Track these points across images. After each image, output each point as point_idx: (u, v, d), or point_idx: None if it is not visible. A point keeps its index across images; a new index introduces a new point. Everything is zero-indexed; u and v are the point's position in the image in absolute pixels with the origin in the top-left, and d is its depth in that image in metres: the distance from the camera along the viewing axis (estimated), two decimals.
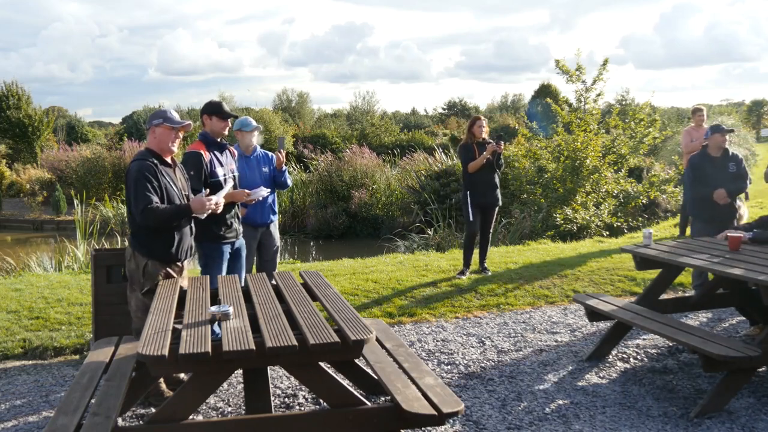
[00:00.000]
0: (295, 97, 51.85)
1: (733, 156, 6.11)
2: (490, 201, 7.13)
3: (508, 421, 3.82)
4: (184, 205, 3.96)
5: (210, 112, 4.74)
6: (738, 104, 59.71)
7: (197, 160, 4.60)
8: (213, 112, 4.73)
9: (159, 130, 4.02)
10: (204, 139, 4.77)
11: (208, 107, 4.77)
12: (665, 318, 4.46)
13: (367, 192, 15.50)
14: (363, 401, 3.23)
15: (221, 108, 4.76)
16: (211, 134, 4.76)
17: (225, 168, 4.78)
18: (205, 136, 4.78)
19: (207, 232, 4.64)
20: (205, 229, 4.61)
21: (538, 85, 33.71)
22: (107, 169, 20.38)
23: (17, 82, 29.07)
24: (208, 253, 4.74)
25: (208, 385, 3.14)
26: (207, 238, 4.67)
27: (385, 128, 33.70)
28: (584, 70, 12.02)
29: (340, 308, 3.47)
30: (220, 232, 4.70)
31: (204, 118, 4.78)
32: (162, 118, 4.03)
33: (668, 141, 18.31)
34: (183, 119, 4.13)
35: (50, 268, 9.63)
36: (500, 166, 7.08)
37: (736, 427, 3.71)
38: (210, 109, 4.74)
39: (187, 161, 4.60)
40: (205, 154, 4.64)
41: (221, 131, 4.76)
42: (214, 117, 4.72)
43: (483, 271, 7.24)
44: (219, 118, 4.72)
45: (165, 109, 4.12)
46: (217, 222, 4.63)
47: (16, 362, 5.00)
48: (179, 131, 4.07)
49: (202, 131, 4.83)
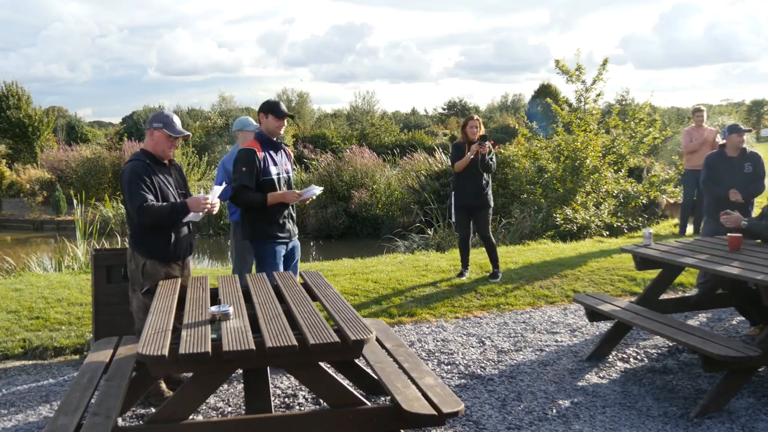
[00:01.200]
0: (295, 97, 51.82)
1: (750, 156, 6.11)
2: (476, 202, 6.91)
3: (508, 421, 3.82)
4: (181, 203, 3.97)
5: (266, 111, 4.69)
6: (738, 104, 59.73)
7: (251, 157, 4.55)
8: (269, 110, 4.68)
9: (157, 135, 4.02)
10: (259, 138, 4.73)
11: (264, 106, 4.73)
12: (665, 318, 4.46)
13: (367, 192, 15.50)
14: (363, 401, 3.23)
15: (278, 107, 4.71)
16: (266, 133, 4.72)
17: (279, 167, 4.72)
18: (260, 135, 4.75)
19: (258, 231, 4.63)
20: (257, 228, 4.61)
21: (538, 85, 33.73)
22: (107, 169, 20.37)
23: (17, 82, 29.09)
24: (259, 253, 4.70)
25: (208, 385, 3.14)
26: (258, 237, 4.65)
27: (385, 128, 33.69)
28: (584, 70, 12.02)
29: (340, 308, 3.47)
30: (271, 231, 4.64)
31: (260, 116, 4.74)
32: (163, 123, 4.01)
33: (668, 141, 18.32)
34: (183, 120, 4.13)
35: (50, 268, 9.63)
36: (488, 167, 6.82)
37: (736, 427, 3.71)
38: (266, 108, 4.70)
39: (240, 158, 4.59)
40: (259, 153, 4.58)
41: (276, 130, 4.71)
42: (270, 115, 4.68)
43: (493, 276, 6.98)
44: (275, 117, 4.67)
45: (168, 114, 4.09)
46: (268, 221, 4.61)
47: (16, 362, 5.01)
48: (177, 140, 4.07)
49: (259, 130, 4.82)
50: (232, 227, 5.64)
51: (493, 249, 7.08)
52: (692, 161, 9.35)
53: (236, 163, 4.62)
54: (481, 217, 7.02)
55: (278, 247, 4.69)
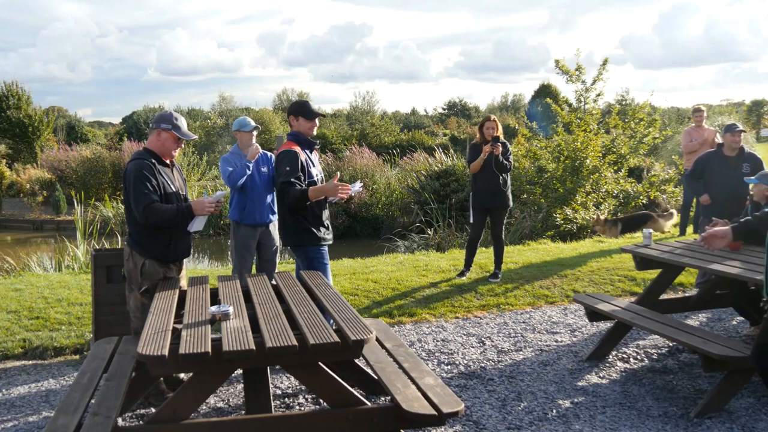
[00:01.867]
0: (295, 97, 51.87)
1: (749, 156, 6.11)
2: (491, 204, 6.97)
3: (508, 421, 3.82)
4: (186, 206, 3.96)
5: (296, 113, 4.59)
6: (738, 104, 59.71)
7: (294, 157, 4.42)
8: (298, 113, 4.58)
9: (164, 136, 4.02)
10: (296, 139, 4.58)
11: (293, 108, 4.64)
12: (665, 318, 4.46)
13: (367, 192, 15.50)
14: (363, 401, 3.23)
15: (307, 108, 4.61)
16: (300, 134, 4.59)
17: (317, 168, 4.65)
18: (296, 136, 4.59)
19: (308, 236, 4.50)
20: (307, 233, 4.48)
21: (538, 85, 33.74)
22: (107, 169, 20.39)
23: (17, 82, 29.11)
24: (313, 257, 4.54)
25: (208, 385, 3.14)
26: (310, 242, 4.51)
27: (385, 128, 33.71)
28: (584, 70, 12.03)
29: (340, 308, 3.47)
30: (320, 234, 4.54)
31: (291, 119, 4.64)
32: (171, 125, 4.01)
33: (668, 141, 18.33)
34: (184, 122, 4.14)
35: (50, 268, 9.64)
36: (503, 167, 6.86)
37: (736, 427, 3.71)
38: (295, 110, 4.61)
39: (283, 158, 4.43)
40: (300, 154, 4.48)
41: (309, 131, 4.59)
42: (301, 118, 4.57)
43: (493, 276, 7.00)
44: (306, 119, 4.57)
45: (177, 116, 4.07)
46: (316, 225, 4.51)
47: (16, 362, 5.01)
48: (182, 141, 4.08)
49: (292, 131, 4.65)
50: (233, 227, 5.64)
51: (500, 250, 7.12)
52: (692, 161, 9.34)
53: (278, 165, 4.46)
54: (497, 217, 7.08)
55: (325, 249, 4.60)
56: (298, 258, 4.64)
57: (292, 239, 4.56)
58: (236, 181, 5.40)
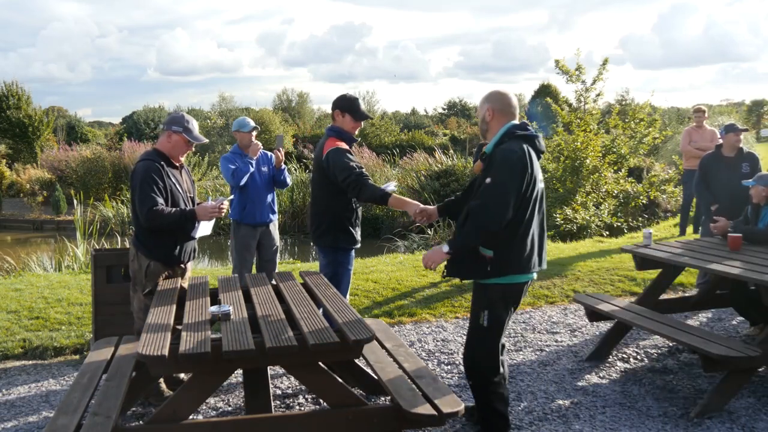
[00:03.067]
0: (294, 97, 51.83)
1: (747, 155, 6.10)
2: None
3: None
4: (190, 210, 3.94)
5: (343, 109, 4.29)
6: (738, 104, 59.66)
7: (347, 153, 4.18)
8: (346, 109, 4.28)
9: (175, 138, 4.01)
10: (339, 136, 4.30)
11: (342, 103, 4.30)
12: (665, 318, 4.46)
13: None
14: (363, 401, 3.23)
15: (355, 106, 4.31)
16: (341, 130, 4.33)
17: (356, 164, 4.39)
18: (339, 133, 4.31)
19: (345, 238, 4.31)
20: (344, 234, 4.30)
21: (538, 85, 33.68)
22: (107, 169, 20.39)
23: (17, 82, 29.10)
24: (342, 261, 4.37)
25: (208, 385, 3.14)
26: (344, 243, 4.33)
27: (385, 128, 33.66)
28: (584, 70, 12.03)
29: (340, 308, 3.47)
30: (356, 237, 4.36)
31: (336, 113, 4.33)
32: (182, 128, 4.00)
33: (668, 141, 18.32)
34: (196, 125, 4.13)
35: (50, 268, 9.63)
36: None
37: (736, 427, 3.71)
38: (344, 106, 4.29)
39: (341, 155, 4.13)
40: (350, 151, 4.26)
41: (353, 130, 4.35)
42: (348, 115, 4.29)
43: None
44: (353, 118, 4.30)
45: (188, 119, 4.05)
46: (354, 226, 4.33)
47: (16, 362, 5.01)
48: (192, 144, 4.08)
49: (334, 126, 4.35)
50: (233, 226, 5.64)
51: None
52: (691, 161, 9.38)
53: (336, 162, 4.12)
54: None
55: (353, 254, 4.47)
56: (325, 260, 4.40)
57: (326, 240, 4.31)
58: (240, 178, 5.40)
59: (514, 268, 3.27)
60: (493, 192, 3.17)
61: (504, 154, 3.21)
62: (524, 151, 3.22)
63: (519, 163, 3.18)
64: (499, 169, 3.18)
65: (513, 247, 3.24)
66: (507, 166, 3.17)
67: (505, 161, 3.19)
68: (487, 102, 3.40)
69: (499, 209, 3.15)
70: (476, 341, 3.42)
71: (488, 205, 3.16)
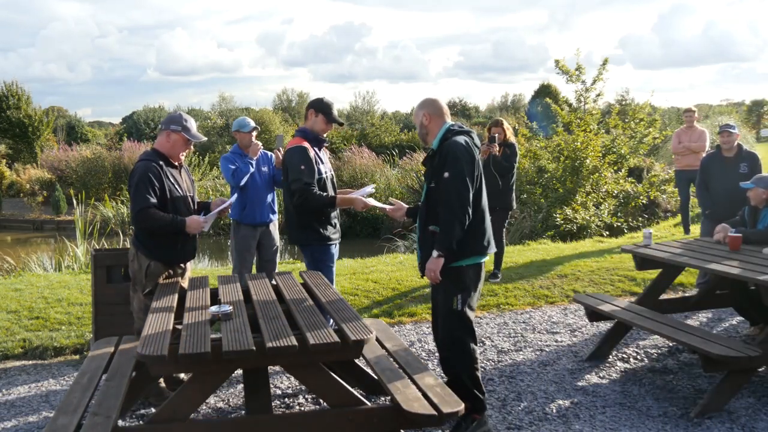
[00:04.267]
0: (295, 97, 51.83)
1: (746, 155, 6.09)
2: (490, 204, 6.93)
3: (508, 421, 3.82)
4: (181, 220, 3.94)
5: (318, 109, 4.49)
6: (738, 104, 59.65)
7: (306, 154, 4.35)
8: (322, 110, 4.48)
9: (174, 137, 4.02)
10: (304, 135, 4.49)
11: (317, 104, 4.51)
12: (665, 318, 4.46)
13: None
14: (363, 401, 3.23)
15: (330, 110, 4.51)
16: (311, 131, 4.52)
17: (326, 166, 4.57)
18: (305, 133, 4.51)
19: (314, 235, 4.42)
20: (312, 232, 4.42)
21: (538, 85, 33.68)
22: (107, 169, 20.40)
23: (17, 82, 29.11)
24: (318, 257, 4.49)
25: (208, 385, 3.14)
26: (315, 241, 4.45)
27: (385, 128, 33.66)
28: (584, 70, 12.04)
29: (340, 308, 3.47)
30: (327, 233, 4.46)
31: (310, 112, 4.52)
32: (181, 127, 4.00)
33: (668, 141, 18.30)
34: (194, 123, 4.14)
35: (50, 268, 9.63)
36: (501, 168, 6.80)
37: (736, 427, 3.71)
38: (318, 107, 4.49)
39: (294, 155, 4.34)
40: (309, 150, 4.41)
41: (322, 132, 4.53)
42: (321, 115, 4.48)
43: (493, 276, 6.96)
44: (325, 120, 4.50)
45: (186, 117, 4.07)
46: (323, 223, 4.44)
47: (16, 362, 5.01)
48: (191, 143, 4.08)
49: (303, 127, 4.56)
50: (233, 226, 5.64)
51: (501, 251, 7.08)
52: (681, 162, 9.43)
53: (290, 163, 4.34)
54: (496, 218, 6.98)
55: (332, 248, 4.56)
56: (304, 257, 4.61)
57: (297, 237, 4.50)
58: (240, 178, 5.40)
59: (479, 249, 3.61)
60: (455, 183, 3.45)
61: (452, 147, 3.50)
62: (468, 142, 3.56)
63: (467, 152, 3.51)
64: (453, 161, 3.46)
65: (476, 228, 3.58)
66: (458, 157, 3.47)
67: (456, 153, 3.48)
68: (422, 109, 3.73)
69: (466, 196, 3.46)
70: (446, 326, 3.61)
71: (456, 196, 3.44)
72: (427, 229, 3.62)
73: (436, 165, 3.59)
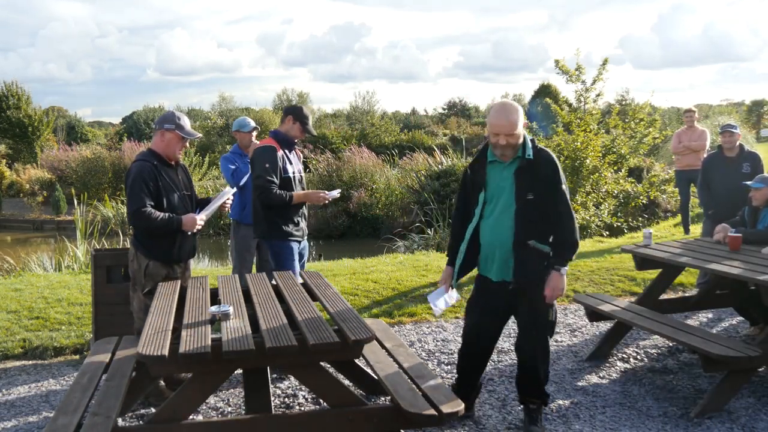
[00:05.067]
0: (295, 97, 51.79)
1: (748, 155, 6.09)
2: None
3: (508, 421, 3.82)
4: (177, 218, 3.96)
5: (296, 118, 4.70)
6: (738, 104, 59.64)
7: (273, 154, 4.57)
8: (300, 120, 4.70)
9: (169, 136, 4.02)
10: (276, 137, 4.73)
11: (296, 112, 4.73)
12: (665, 318, 4.46)
13: (366, 192, 15.50)
14: (363, 401, 3.23)
15: (308, 121, 4.74)
16: (284, 134, 4.73)
17: (294, 167, 4.75)
18: (277, 135, 4.74)
19: (277, 230, 4.62)
20: (274, 226, 4.59)
21: (538, 85, 33.71)
22: (107, 169, 20.41)
23: (17, 82, 29.12)
24: (278, 251, 4.67)
25: (208, 385, 3.14)
26: (276, 236, 4.64)
27: (385, 128, 33.67)
28: (584, 70, 12.01)
29: (340, 308, 3.47)
30: (288, 229, 4.65)
31: (288, 118, 4.73)
32: (175, 125, 4.01)
33: (668, 141, 18.30)
34: (188, 121, 4.14)
35: (50, 268, 9.63)
36: None
37: (736, 427, 3.71)
38: (297, 115, 4.70)
39: (261, 154, 4.57)
40: (278, 150, 4.61)
41: (294, 138, 4.75)
42: (298, 124, 4.70)
43: None
44: (300, 129, 4.71)
45: (179, 115, 4.08)
46: (286, 220, 4.61)
47: (16, 362, 5.01)
48: (187, 141, 4.08)
49: (277, 130, 4.79)
50: (233, 226, 5.64)
51: None
52: (682, 162, 9.43)
53: (256, 161, 4.58)
54: None
55: (295, 245, 4.71)
56: (268, 250, 4.75)
57: (260, 230, 4.70)
58: (240, 178, 5.42)
59: None
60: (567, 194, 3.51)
61: (552, 157, 3.50)
62: None
63: None
64: (559, 171, 3.48)
65: None
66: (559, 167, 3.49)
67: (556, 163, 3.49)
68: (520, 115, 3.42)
69: None
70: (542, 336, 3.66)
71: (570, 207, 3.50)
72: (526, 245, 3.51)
73: (537, 176, 3.42)
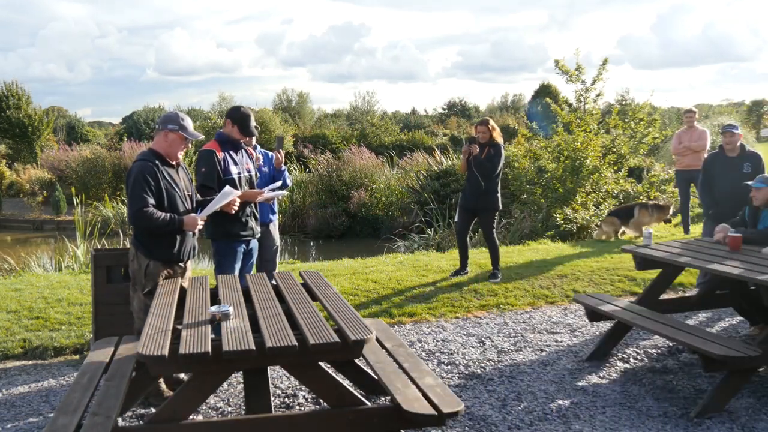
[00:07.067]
0: (294, 97, 51.80)
1: (749, 155, 6.08)
2: (473, 205, 6.96)
3: (508, 421, 3.82)
4: (178, 219, 3.97)
5: (234, 121, 4.75)
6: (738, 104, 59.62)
7: (210, 158, 4.64)
8: (237, 122, 4.74)
9: (172, 137, 4.02)
10: (219, 138, 4.79)
11: (235, 115, 4.76)
12: (665, 318, 4.46)
13: (366, 192, 15.50)
14: (363, 401, 3.23)
15: (247, 123, 4.76)
16: (227, 135, 4.80)
17: (240, 167, 4.79)
18: (220, 136, 4.81)
19: (221, 230, 4.70)
20: (219, 227, 4.67)
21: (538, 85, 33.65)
22: (107, 169, 20.39)
23: (17, 82, 29.11)
24: (221, 251, 4.76)
25: (208, 385, 3.14)
26: (221, 236, 4.72)
27: (385, 128, 33.66)
28: (584, 70, 12.02)
29: (340, 308, 3.47)
30: (233, 230, 4.73)
31: (227, 122, 4.80)
32: (178, 126, 4.02)
33: (668, 141, 18.30)
34: (190, 121, 4.14)
35: (50, 268, 9.63)
36: (482, 168, 6.72)
37: (736, 427, 3.71)
38: (235, 118, 4.75)
39: (200, 159, 4.69)
40: (218, 153, 4.67)
41: (238, 140, 4.81)
42: (236, 127, 4.75)
43: (493, 277, 6.97)
44: (240, 132, 4.76)
45: (182, 116, 4.08)
46: (231, 220, 4.65)
47: (16, 362, 5.01)
48: (189, 141, 4.09)
49: (220, 131, 4.86)
50: None
51: (494, 251, 7.08)
52: (682, 162, 9.43)
53: (197, 164, 4.72)
54: (483, 219, 7.08)
55: (238, 246, 4.79)
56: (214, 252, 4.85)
57: (209, 232, 4.75)
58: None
59: None
60: None
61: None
62: None
63: None
64: None
65: None
66: None
67: None
68: None
69: None
70: None
71: None
72: None
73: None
